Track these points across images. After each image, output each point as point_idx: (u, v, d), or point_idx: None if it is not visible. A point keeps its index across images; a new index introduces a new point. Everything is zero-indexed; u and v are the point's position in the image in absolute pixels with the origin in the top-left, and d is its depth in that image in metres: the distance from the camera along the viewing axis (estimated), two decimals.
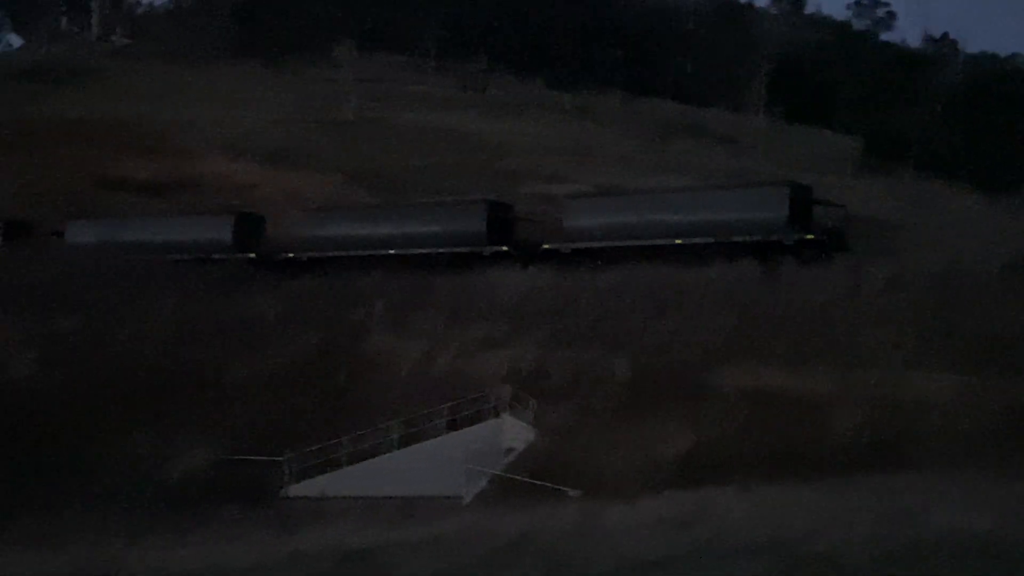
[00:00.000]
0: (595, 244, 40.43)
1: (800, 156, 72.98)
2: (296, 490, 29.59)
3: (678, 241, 38.57)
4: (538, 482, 26.57)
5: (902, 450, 24.43)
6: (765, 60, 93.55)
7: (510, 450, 29.99)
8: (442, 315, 36.20)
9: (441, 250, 42.34)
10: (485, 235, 42.36)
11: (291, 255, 45.89)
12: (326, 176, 63.25)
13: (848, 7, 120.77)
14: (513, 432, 30.26)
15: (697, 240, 38.13)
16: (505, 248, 42.10)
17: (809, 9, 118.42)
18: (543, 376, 31.85)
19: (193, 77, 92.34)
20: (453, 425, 30.77)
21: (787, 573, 11.67)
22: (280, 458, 29.71)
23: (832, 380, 28.10)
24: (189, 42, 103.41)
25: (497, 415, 30.78)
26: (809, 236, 37.69)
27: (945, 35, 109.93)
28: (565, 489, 25.85)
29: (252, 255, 46.08)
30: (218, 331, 36.29)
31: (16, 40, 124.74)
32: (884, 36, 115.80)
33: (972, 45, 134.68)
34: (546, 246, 41.80)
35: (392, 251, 43.19)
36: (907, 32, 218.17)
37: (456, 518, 20.88)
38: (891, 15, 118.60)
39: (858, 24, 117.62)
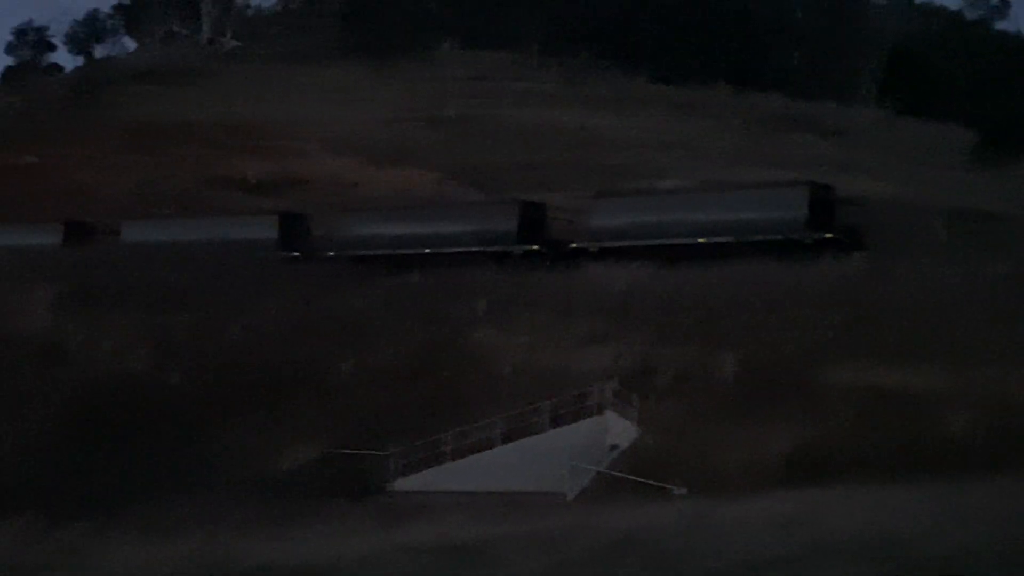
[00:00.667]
0: (621, 243, 40.95)
1: (911, 149, 71.25)
2: (401, 484, 29.83)
3: (700, 240, 39.39)
4: (642, 480, 26.37)
5: (1019, 450, 23.64)
6: (875, 51, 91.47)
7: (614, 447, 29.80)
8: (545, 311, 36.15)
9: (474, 249, 42.77)
10: (516, 234, 43.19)
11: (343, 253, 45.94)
12: (429, 173, 63.73)
13: None
14: (617, 429, 30.07)
15: (718, 239, 38.92)
16: (536, 247, 42.76)
17: None
18: (647, 373, 31.60)
19: (300, 77, 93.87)
20: (556, 421, 30.70)
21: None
22: (385, 452, 29.99)
23: (946, 378, 27.32)
24: (296, 43, 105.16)
25: (601, 412, 30.61)
26: (827, 235, 38.28)
27: None
28: (670, 487, 25.61)
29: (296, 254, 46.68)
30: (325, 328, 36.76)
31: (130, 44, 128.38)
32: (998, 25, 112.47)
33: None
34: (573, 245, 42.63)
35: (428, 250, 43.84)
36: (1022, 21, 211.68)
37: (560, 514, 20.87)
38: (1005, 4, 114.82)
39: (971, 14, 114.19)
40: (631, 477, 26.95)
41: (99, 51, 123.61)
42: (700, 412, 29.02)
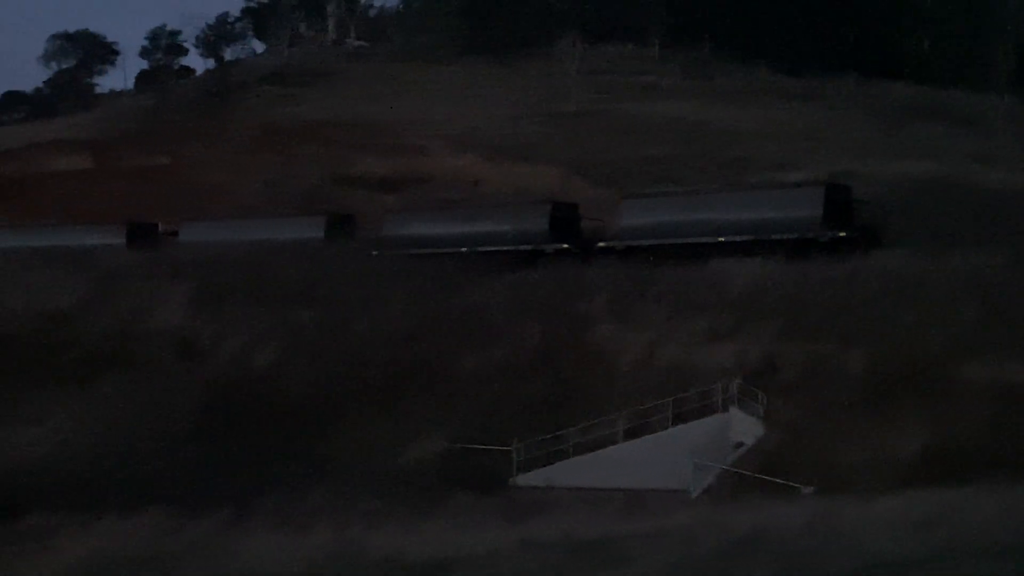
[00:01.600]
0: (647, 242, 42.27)
1: None
2: (525, 479, 29.95)
3: (720, 239, 40.55)
4: (768, 478, 25.98)
5: None
6: (1008, 37, 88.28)
7: (739, 445, 29.45)
8: (667, 306, 35.88)
9: (508, 248, 43.91)
10: (548, 233, 44.68)
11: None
12: (550, 169, 63.78)
13: None
14: (742, 426, 29.70)
15: (738, 238, 40.14)
16: (566, 246, 44.06)
17: None
18: (772, 369, 31.12)
19: (422, 76, 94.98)
20: (680, 418, 30.46)
21: None
22: (508, 447, 30.14)
23: None
24: (418, 41, 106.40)
25: (725, 409, 30.27)
26: (842, 234, 39.48)
27: None
28: (797, 485, 25.17)
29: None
30: (448, 323, 37.11)
31: (259, 46, 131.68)
32: None
33: None
34: (601, 244, 43.79)
35: (464, 249, 44.75)
36: None
37: (684, 512, 20.65)
38: None
39: None
40: (757, 475, 26.57)
41: (229, 54, 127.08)
42: (828, 409, 28.50)
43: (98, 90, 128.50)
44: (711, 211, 42.34)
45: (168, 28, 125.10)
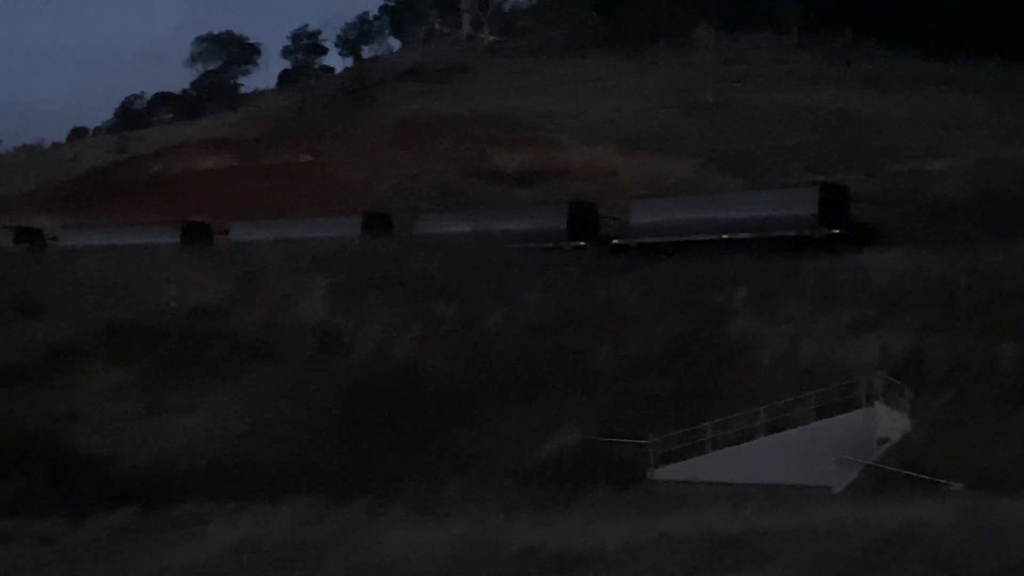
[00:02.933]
0: (657, 239, 44.41)
1: None
2: (662, 473, 29.72)
3: (724, 236, 42.57)
4: (915, 474, 25.23)
5: None
6: None
7: (884, 440, 28.64)
8: (808, 300, 35.17)
9: (531, 245, 45.07)
10: (566, 231, 47.38)
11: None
12: (686, 160, 63.19)
13: None
14: (887, 421, 28.88)
15: (740, 235, 42.06)
16: (583, 243, 46.25)
17: None
18: (919, 363, 30.22)
19: (556, 69, 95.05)
20: (822, 413, 29.81)
21: None
22: (645, 441, 29.94)
23: None
24: (552, 35, 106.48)
25: (870, 403, 29.51)
26: (835, 231, 41.94)
27: None
28: (946, 482, 24.38)
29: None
30: (583, 316, 37.07)
31: (396, 43, 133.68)
32: None
33: None
34: (615, 241, 46.17)
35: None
36: None
37: (827, 508, 20.15)
38: None
39: None
40: (903, 472, 25.83)
41: (367, 52, 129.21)
42: (977, 404, 27.55)
43: (242, 90, 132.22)
44: (715, 210, 45.14)
45: (309, 28, 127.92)
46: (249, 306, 40.10)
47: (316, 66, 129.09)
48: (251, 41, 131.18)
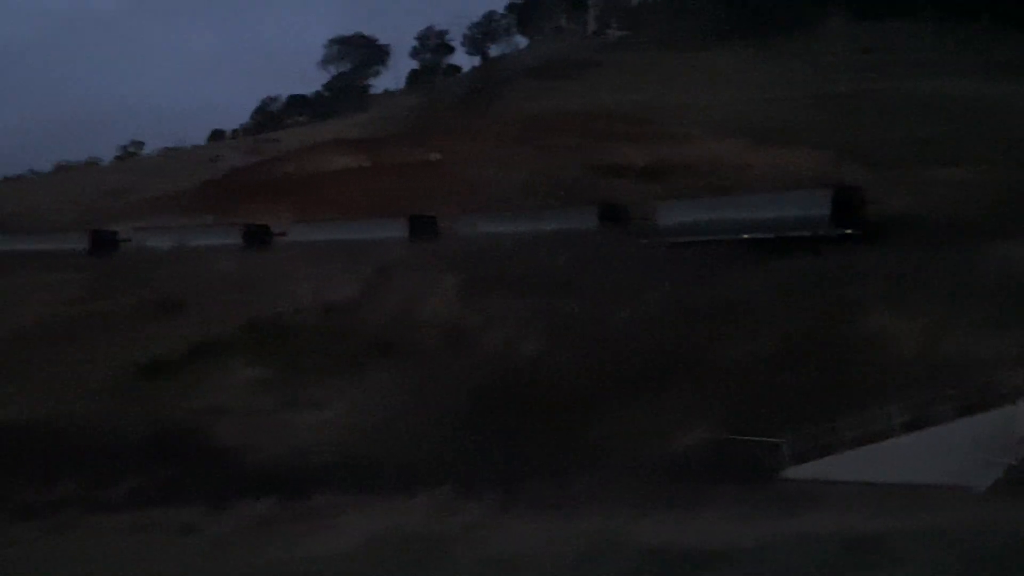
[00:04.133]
0: (681, 239, 45.37)
1: None
2: (795, 472, 29.08)
3: (745, 236, 44.18)
4: None
5: None
6: None
7: None
8: (944, 293, 34.11)
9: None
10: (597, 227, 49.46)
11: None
12: (818, 152, 61.89)
13: None
14: None
15: (759, 235, 43.62)
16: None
17: None
18: None
19: (683, 63, 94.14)
20: (962, 410, 28.83)
21: None
22: (777, 439, 29.38)
23: None
24: (679, 29, 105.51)
25: (1013, 401, 28.45)
26: (847, 231, 43.37)
27: None
28: None
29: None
30: (710, 311, 36.65)
31: (522, 41, 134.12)
32: None
33: None
34: (643, 241, 46.83)
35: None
36: None
37: (969, 509, 19.59)
38: None
39: None
40: None
41: (493, 50, 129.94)
42: None
43: (372, 91, 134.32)
44: (737, 211, 46.93)
45: (436, 28, 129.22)
46: (380, 303, 40.77)
47: (443, 65, 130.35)
48: (381, 43, 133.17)
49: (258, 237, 57.85)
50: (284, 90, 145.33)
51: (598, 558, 14.07)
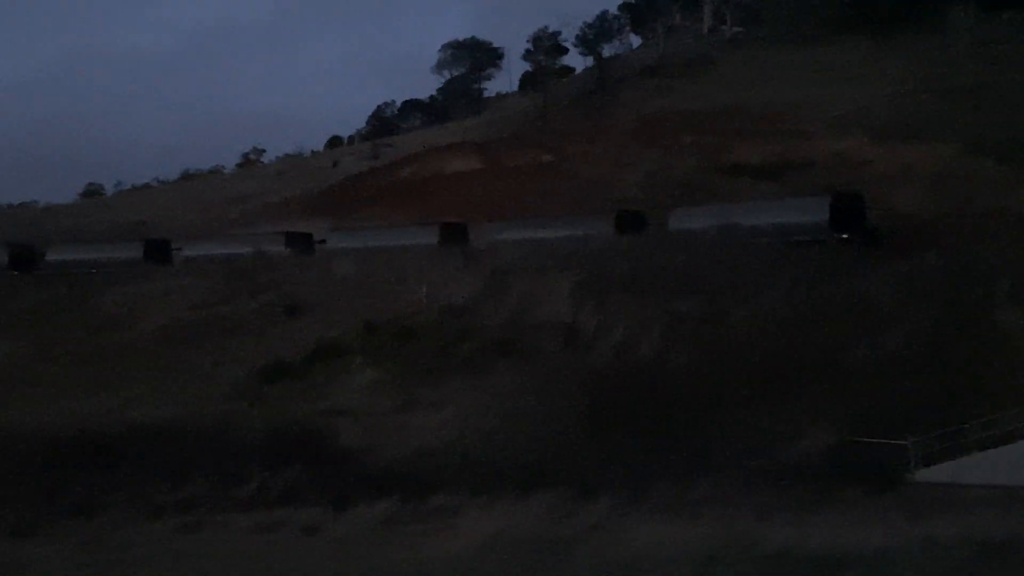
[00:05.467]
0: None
1: None
2: (924, 475, 28.36)
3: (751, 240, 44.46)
4: None
5: None
6: None
7: None
8: None
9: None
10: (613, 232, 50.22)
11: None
12: (943, 147, 60.19)
13: None
14: None
15: (765, 240, 44.18)
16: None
17: None
18: None
19: (802, 58, 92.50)
20: None
21: None
22: (903, 441, 28.66)
23: None
24: (796, 24, 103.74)
25: None
26: (844, 236, 44.98)
27: None
28: None
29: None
30: (833, 312, 35.97)
31: (635, 40, 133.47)
32: None
33: None
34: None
35: None
36: None
37: None
38: None
39: None
40: None
41: (607, 50, 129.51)
42: None
43: (485, 94, 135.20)
44: (743, 217, 47.42)
45: (549, 30, 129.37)
46: (497, 304, 40.98)
47: (557, 67, 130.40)
48: (494, 46, 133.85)
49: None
50: (399, 96, 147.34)
51: (721, 561, 13.89)
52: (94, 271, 59.43)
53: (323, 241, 60.85)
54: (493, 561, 15.03)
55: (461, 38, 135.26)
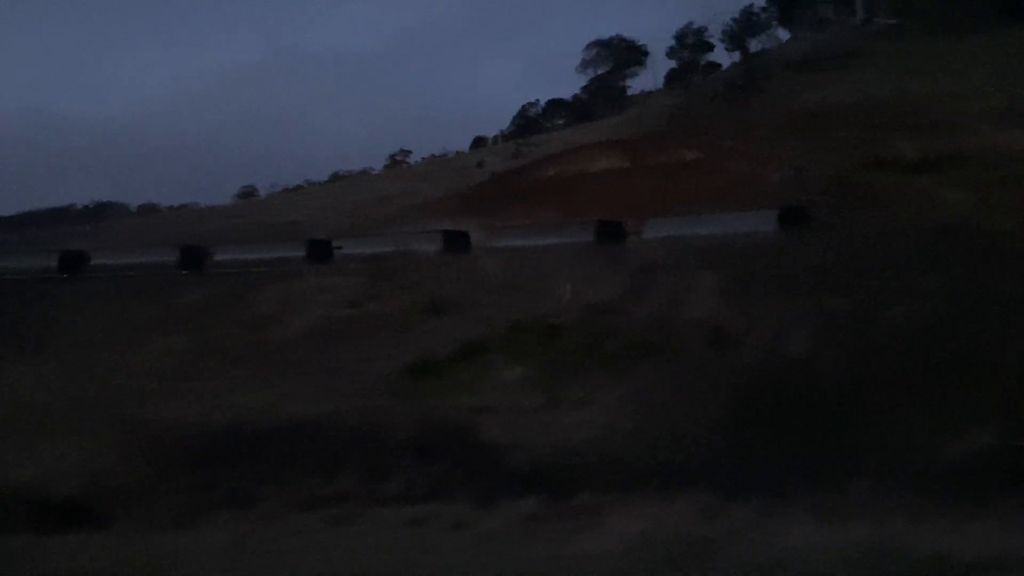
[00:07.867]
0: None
1: None
2: None
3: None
4: None
5: None
6: None
7: None
8: None
9: None
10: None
11: None
12: None
13: None
14: None
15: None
16: None
17: None
18: None
19: (957, 49, 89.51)
20: None
21: None
22: None
23: None
24: (952, 14, 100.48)
25: None
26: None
27: None
28: None
29: None
30: (994, 309, 34.69)
31: (783, 34, 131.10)
32: None
33: None
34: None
35: None
36: None
37: None
38: None
39: None
40: None
41: (753, 45, 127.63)
42: None
43: (629, 92, 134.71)
44: (709, 228, 50.17)
45: (694, 26, 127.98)
46: (641, 303, 40.80)
47: (702, 63, 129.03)
48: (639, 43, 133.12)
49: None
50: (543, 95, 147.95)
51: (870, 566, 13.55)
52: (257, 270, 61.21)
53: (340, 247, 62.19)
54: (638, 561, 14.99)
55: (606, 37, 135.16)
